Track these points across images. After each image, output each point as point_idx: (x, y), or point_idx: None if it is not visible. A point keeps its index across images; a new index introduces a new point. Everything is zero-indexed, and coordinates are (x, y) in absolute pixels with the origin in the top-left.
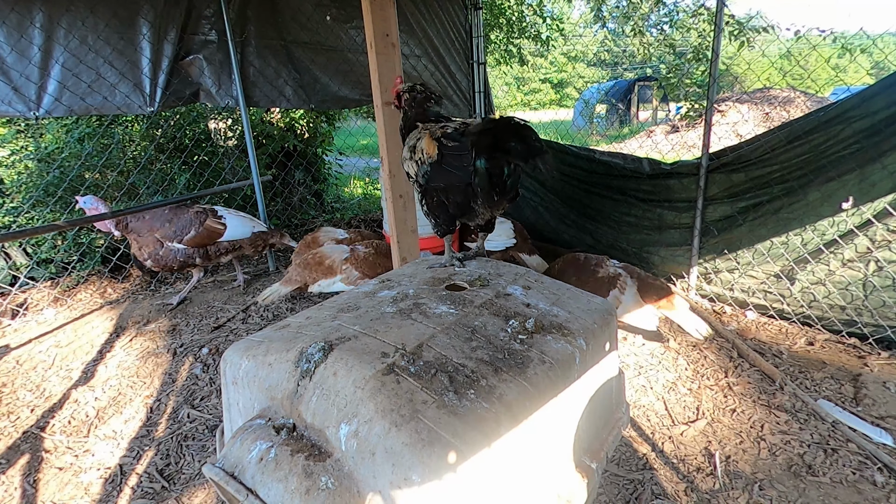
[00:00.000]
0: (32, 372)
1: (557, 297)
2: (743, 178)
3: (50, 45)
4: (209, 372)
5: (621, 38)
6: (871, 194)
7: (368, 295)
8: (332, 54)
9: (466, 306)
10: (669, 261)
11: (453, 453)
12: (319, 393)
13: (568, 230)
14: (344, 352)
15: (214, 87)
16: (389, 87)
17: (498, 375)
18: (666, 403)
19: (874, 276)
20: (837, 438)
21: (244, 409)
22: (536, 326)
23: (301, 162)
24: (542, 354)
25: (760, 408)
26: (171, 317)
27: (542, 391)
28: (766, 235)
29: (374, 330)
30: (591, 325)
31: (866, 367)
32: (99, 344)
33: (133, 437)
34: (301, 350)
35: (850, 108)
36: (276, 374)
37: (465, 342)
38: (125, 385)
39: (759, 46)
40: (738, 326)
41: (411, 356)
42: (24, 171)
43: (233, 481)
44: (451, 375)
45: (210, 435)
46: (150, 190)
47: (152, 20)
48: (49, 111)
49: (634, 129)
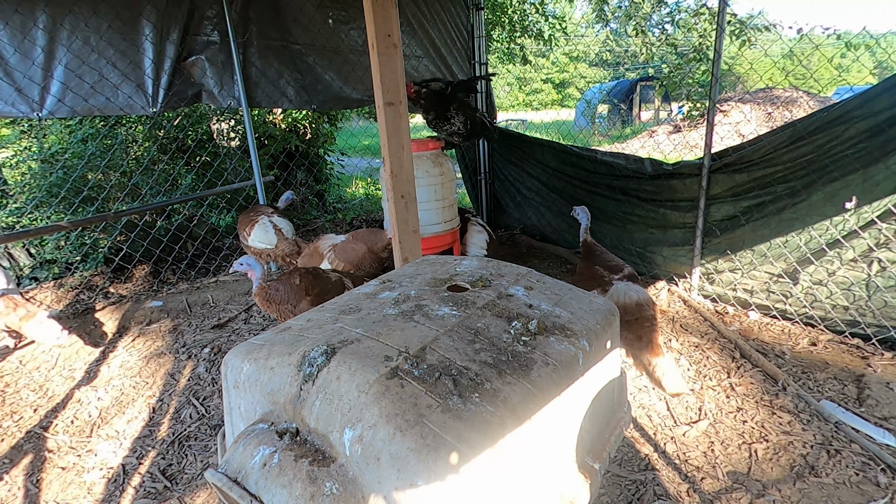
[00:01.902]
0: (35, 372)
1: (560, 297)
2: (746, 178)
3: (53, 46)
4: (212, 372)
5: (623, 39)
6: (874, 194)
7: (370, 296)
8: (334, 55)
9: (469, 308)
10: (672, 260)
11: (458, 458)
12: (322, 397)
13: (571, 230)
14: (347, 355)
15: (217, 87)
16: (391, 88)
17: (502, 378)
18: (668, 404)
19: (877, 277)
20: (840, 439)
21: (246, 413)
22: (539, 328)
23: (303, 162)
24: (545, 356)
25: (763, 408)
26: (173, 317)
27: (546, 393)
28: (768, 236)
29: (377, 333)
30: (593, 325)
31: (869, 367)
32: (102, 344)
33: (136, 437)
34: (303, 354)
35: (853, 108)
36: (279, 379)
37: (469, 344)
38: (128, 385)
39: (761, 46)
40: (740, 327)
41: (415, 359)
42: (27, 171)
43: (236, 487)
44: (455, 379)
45: (213, 435)
46: (153, 191)
47: (155, 21)
48: (52, 112)
49: (636, 129)
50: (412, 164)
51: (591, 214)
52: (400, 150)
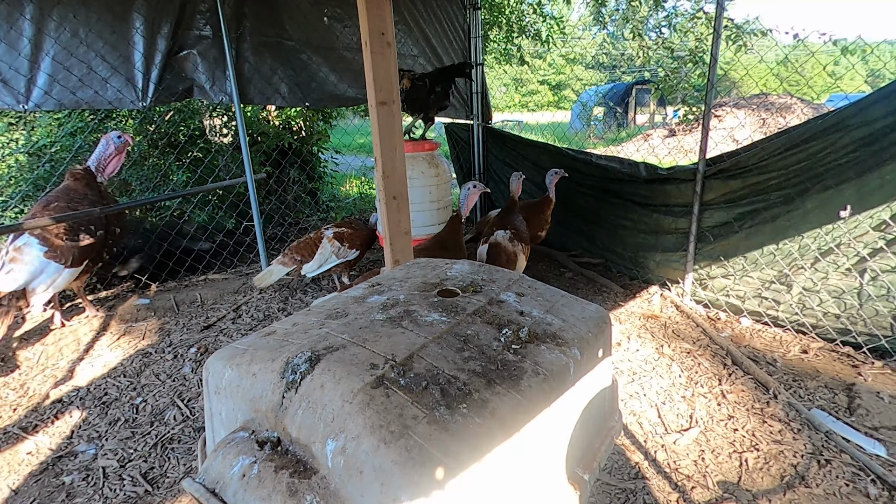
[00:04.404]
0: (16, 370)
1: (551, 304)
2: (740, 184)
3: (40, 38)
4: (197, 372)
5: (619, 42)
6: (868, 203)
7: (358, 300)
8: (329, 52)
9: (459, 314)
10: (665, 265)
11: (444, 472)
12: (306, 406)
13: (565, 232)
14: (331, 363)
15: (208, 82)
16: (384, 87)
17: (491, 388)
18: (659, 411)
19: (869, 286)
20: (831, 449)
21: (227, 420)
22: (530, 335)
23: (296, 160)
24: (535, 365)
25: (754, 416)
26: (160, 315)
27: (536, 404)
28: (762, 242)
29: (363, 339)
30: (585, 333)
31: (860, 376)
32: (86, 342)
33: (118, 439)
34: (287, 360)
35: (848, 116)
36: (261, 385)
37: (458, 352)
38: (111, 385)
39: (757, 51)
40: (732, 333)
41: (401, 367)
42: (14, 164)
43: (213, 498)
44: (443, 388)
45: (196, 437)
46: (142, 186)
47: (146, 14)
48: (38, 104)
49: (632, 132)
50: (404, 164)
51: (585, 217)
52: (392, 150)
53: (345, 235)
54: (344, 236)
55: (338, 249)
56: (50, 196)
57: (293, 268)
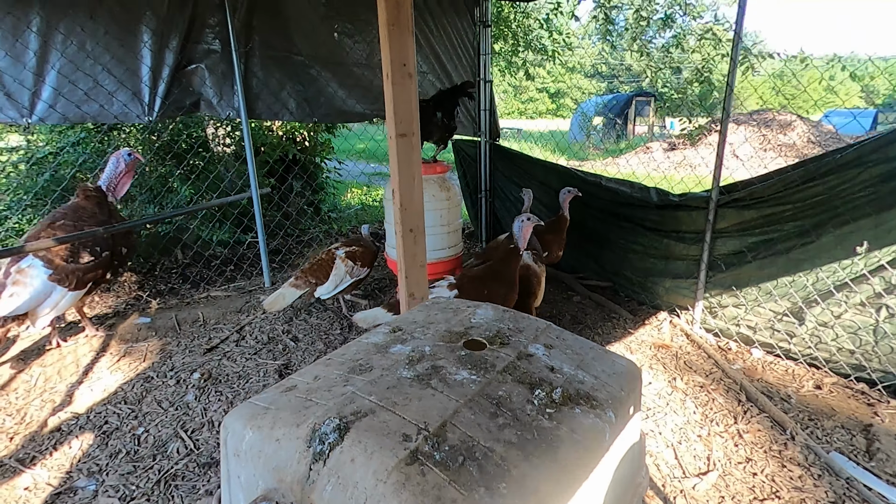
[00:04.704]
0: (13, 394)
1: (581, 357)
2: (754, 214)
3: (46, 51)
4: (201, 401)
5: (619, 52)
6: (886, 240)
7: (380, 350)
8: (338, 67)
9: (488, 371)
10: (674, 292)
11: None
12: (335, 482)
13: (572, 253)
14: (361, 432)
15: (216, 97)
16: (405, 119)
17: (529, 461)
18: (676, 451)
19: (885, 323)
20: (853, 498)
21: (247, 485)
22: (564, 397)
23: (301, 175)
24: (571, 433)
25: (773, 460)
26: (161, 335)
27: (573, 474)
28: (775, 274)
29: (393, 403)
30: (618, 392)
31: (876, 416)
32: (85, 364)
33: (119, 474)
34: (313, 427)
35: (867, 152)
36: (285, 453)
37: (491, 419)
38: (111, 412)
39: (764, 71)
40: (743, 364)
41: (435, 439)
42: (15, 173)
43: None
44: (480, 464)
45: (201, 473)
46: (143, 197)
47: (154, 27)
48: (42, 118)
49: (632, 143)
50: (422, 196)
51: (594, 240)
52: (411, 181)
53: (357, 254)
54: (356, 255)
55: (351, 269)
56: (57, 213)
57: (306, 290)
